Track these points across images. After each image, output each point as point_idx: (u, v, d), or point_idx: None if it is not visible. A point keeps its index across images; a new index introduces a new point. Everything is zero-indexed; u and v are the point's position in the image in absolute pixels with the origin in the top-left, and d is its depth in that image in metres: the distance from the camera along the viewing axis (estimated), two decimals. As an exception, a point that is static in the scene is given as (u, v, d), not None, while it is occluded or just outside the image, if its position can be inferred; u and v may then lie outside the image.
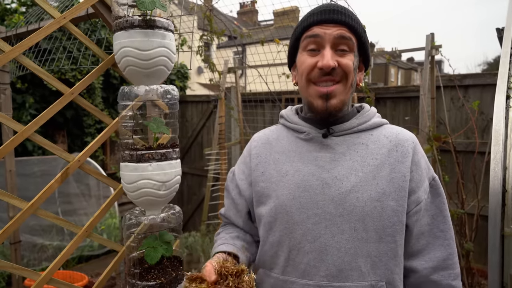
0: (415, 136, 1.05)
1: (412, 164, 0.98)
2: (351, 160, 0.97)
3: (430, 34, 3.14)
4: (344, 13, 0.97)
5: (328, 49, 0.95)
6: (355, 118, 1.03)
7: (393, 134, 1.02)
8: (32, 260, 3.74)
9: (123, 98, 1.16)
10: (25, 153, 4.47)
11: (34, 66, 1.21)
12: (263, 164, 1.08)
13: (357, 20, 1.00)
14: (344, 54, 0.96)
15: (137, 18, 1.10)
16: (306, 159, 1.00)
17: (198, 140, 5.69)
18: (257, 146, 1.13)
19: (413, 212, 0.97)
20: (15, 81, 4.30)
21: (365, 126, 1.02)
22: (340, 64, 0.95)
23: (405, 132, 1.04)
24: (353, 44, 0.97)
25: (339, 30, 0.95)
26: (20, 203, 1.18)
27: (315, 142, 1.01)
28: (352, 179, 0.95)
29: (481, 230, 3.14)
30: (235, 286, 0.79)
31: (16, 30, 2.23)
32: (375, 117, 1.06)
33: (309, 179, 0.97)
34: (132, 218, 1.19)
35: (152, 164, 1.12)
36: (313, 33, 0.96)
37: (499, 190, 1.24)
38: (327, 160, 0.98)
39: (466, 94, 3.39)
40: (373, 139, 1.01)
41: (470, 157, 3.16)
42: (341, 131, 1.01)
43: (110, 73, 5.29)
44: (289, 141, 1.07)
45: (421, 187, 0.98)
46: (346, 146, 0.99)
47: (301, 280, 0.95)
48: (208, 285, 0.78)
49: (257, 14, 19.03)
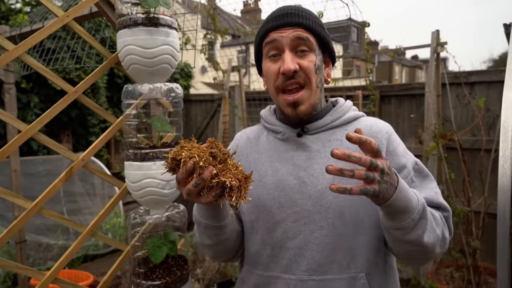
0: (390, 126, 1.06)
1: (387, 154, 0.99)
2: (326, 157, 0.99)
3: (436, 31, 3.12)
4: (298, 14, 0.99)
5: (288, 52, 0.97)
6: (328, 114, 1.05)
7: (367, 127, 1.03)
8: (37, 260, 3.75)
9: (127, 97, 1.15)
10: (30, 153, 4.49)
11: (37, 65, 1.21)
12: (244, 163, 1.09)
13: (313, 18, 1.01)
14: (304, 55, 0.98)
15: (140, 16, 1.10)
16: (284, 158, 1.03)
17: (202, 139, 5.67)
18: (239, 144, 1.15)
19: None
20: (20, 81, 4.31)
21: (339, 122, 1.04)
22: (301, 66, 0.97)
23: (379, 123, 1.05)
24: (312, 43, 0.99)
25: (295, 31, 0.97)
26: (25, 203, 1.18)
27: (291, 141, 1.04)
28: (327, 176, 0.97)
29: (488, 228, 3.11)
30: (224, 157, 0.81)
31: (21, 29, 2.24)
32: (350, 111, 1.07)
33: (286, 179, 1.00)
34: (136, 217, 1.18)
35: (156, 163, 1.11)
36: (271, 39, 0.99)
37: (508, 188, 1.22)
38: (303, 159, 1.01)
39: (472, 91, 3.36)
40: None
41: (477, 154, 3.13)
42: (315, 129, 1.03)
43: (115, 72, 5.29)
44: (268, 141, 1.09)
45: (400, 173, 0.98)
46: (321, 143, 1.02)
47: (284, 275, 0.98)
48: (198, 146, 0.81)
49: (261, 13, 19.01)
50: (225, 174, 0.78)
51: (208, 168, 0.76)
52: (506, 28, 1.93)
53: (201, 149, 0.80)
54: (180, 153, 0.78)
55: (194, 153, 0.77)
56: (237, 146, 1.15)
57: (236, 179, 0.78)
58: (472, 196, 2.81)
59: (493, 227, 3.40)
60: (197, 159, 0.76)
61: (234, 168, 0.81)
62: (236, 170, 0.80)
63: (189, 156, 0.77)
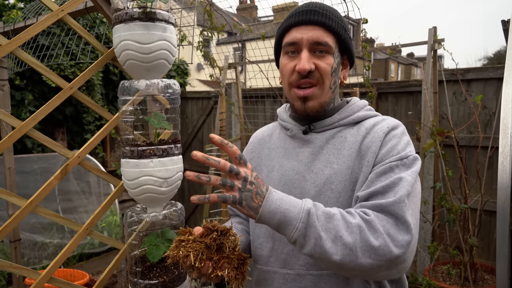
0: (399, 124, 0.99)
1: (382, 144, 0.93)
2: (327, 154, 0.99)
3: (433, 28, 3.11)
4: (322, 13, 0.98)
5: (305, 51, 0.97)
6: (337, 113, 1.04)
7: (371, 125, 0.99)
8: (32, 258, 3.72)
9: (123, 93, 1.13)
10: (24, 151, 4.45)
11: (32, 60, 1.19)
12: (256, 159, 1.14)
13: (336, 19, 1.00)
14: (322, 56, 0.98)
15: (137, 11, 1.08)
16: (290, 154, 1.05)
17: (198, 137, 5.66)
18: (252, 142, 1.20)
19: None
20: (14, 78, 4.27)
21: (347, 121, 1.03)
22: (317, 67, 0.97)
23: (385, 120, 1.00)
24: (331, 47, 0.98)
25: (316, 32, 0.97)
26: (19, 201, 1.16)
27: (297, 138, 1.06)
28: (326, 171, 0.97)
29: (484, 225, 3.12)
30: (220, 242, 0.85)
31: (14, 25, 2.20)
32: (360, 111, 1.04)
33: (289, 174, 1.02)
34: (133, 216, 1.17)
35: (153, 160, 1.10)
36: (291, 39, 0.99)
37: (508, 184, 1.21)
38: (306, 155, 1.02)
39: (468, 88, 3.36)
40: (353, 132, 1.01)
41: (473, 151, 3.13)
42: (322, 127, 1.04)
43: (110, 69, 5.25)
44: (279, 137, 1.12)
45: (384, 159, 0.91)
46: (325, 140, 1.02)
47: (282, 270, 0.99)
48: (194, 237, 0.86)
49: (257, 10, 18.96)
50: (222, 265, 0.84)
51: (204, 266, 0.83)
52: (504, 24, 1.92)
53: (196, 242, 0.85)
54: (178, 252, 0.85)
55: (190, 251, 0.84)
56: (248, 147, 1.19)
57: (233, 268, 0.84)
58: (469, 193, 2.81)
59: (489, 224, 3.41)
60: (192, 259, 0.82)
61: (231, 250, 0.86)
62: (234, 254, 0.86)
63: (185, 255, 0.84)
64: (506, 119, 1.26)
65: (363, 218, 0.82)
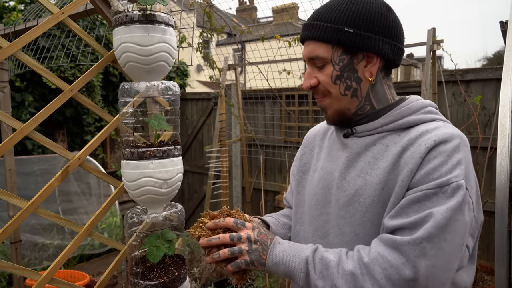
0: (451, 137, 0.84)
1: (421, 166, 0.82)
2: (363, 162, 0.93)
3: (432, 28, 3.12)
4: (313, 25, 0.94)
5: (308, 68, 0.99)
6: (382, 117, 0.94)
7: (419, 132, 0.86)
8: (33, 260, 3.73)
9: (124, 95, 1.14)
10: (25, 152, 4.45)
11: (32, 62, 1.19)
12: (307, 155, 1.15)
13: (330, 24, 0.91)
14: (321, 68, 0.96)
15: (137, 13, 1.08)
16: (332, 157, 1.03)
17: (198, 138, 5.67)
18: (309, 136, 1.20)
19: None
20: (14, 80, 4.28)
21: (393, 126, 0.92)
22: (318, 80, 0.97)
23: (434, 131, 0.85)
24: (324, 57, 0.93)
25: (307, 48, 0.97)
26: (20, 202, 1.17)
27: (339, 141, 1.03)
28: (358, 182, 0.91)
29: (484, 225, 3.12)
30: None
31: (15, 27, 2.21)
32: (413, 115, 0.91)
33: (326, 178, 1.01)
34: (133, 217, 1.17)
35: (153, 161, 1.10)
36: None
37: (506, 185, 1.22)
38: (343, 160, 0.98)
39: (467, 89, 3.37)
40: (398, 140, 0.89)
41: (473, 152, 3.13)
42: (364, 131, 0.96)
43: (110, 71, 5.26)
44: (331, 137, 1.10)
45: (421, 183, 0.82)
46: (364, 146, 0.94)
47: None
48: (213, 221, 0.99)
49: (256, 11, 18.95)
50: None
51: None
52: (502, 25, 1.93)
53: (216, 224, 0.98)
54: (195, 232, 1.02)
55: (203, 234, 0.99)
56: (304, 141, 1.21)
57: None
58: (468, 194, 2.82)
59: (488, 224, 3.42)
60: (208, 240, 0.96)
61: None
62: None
63: (198, 236, 1.00)
64: (504, 120, 1.27)
65: (360, 262, 0.81)
